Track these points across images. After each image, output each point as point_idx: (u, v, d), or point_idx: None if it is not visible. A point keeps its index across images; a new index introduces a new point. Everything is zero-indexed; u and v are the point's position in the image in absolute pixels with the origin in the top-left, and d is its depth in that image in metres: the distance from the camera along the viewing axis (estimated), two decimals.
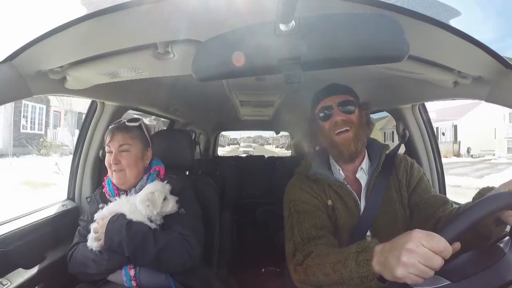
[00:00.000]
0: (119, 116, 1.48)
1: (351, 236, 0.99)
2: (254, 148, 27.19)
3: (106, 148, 1.16)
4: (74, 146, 1.51)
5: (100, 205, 1.14)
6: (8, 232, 1.07)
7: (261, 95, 1.98)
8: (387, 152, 1.05)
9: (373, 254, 0.69)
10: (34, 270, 1.11)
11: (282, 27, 0.51)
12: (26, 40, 0.71)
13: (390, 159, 1.05)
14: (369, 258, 0.69)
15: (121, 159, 1.13)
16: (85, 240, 1.10)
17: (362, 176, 1.03)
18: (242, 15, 0.62)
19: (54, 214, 1.33)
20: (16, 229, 1.11)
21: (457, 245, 0.62)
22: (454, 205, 0.94)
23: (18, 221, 1.17)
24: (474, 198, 0.82)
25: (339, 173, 1.04)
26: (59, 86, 0.99)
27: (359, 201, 1.01)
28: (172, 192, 1.10)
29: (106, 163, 1.16)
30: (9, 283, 1.01)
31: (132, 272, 1.06)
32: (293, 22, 0.50)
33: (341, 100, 1.01)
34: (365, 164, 1.04)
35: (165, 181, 1.12)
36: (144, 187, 1.10)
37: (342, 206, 1.01)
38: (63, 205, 1.42)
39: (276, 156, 4.76)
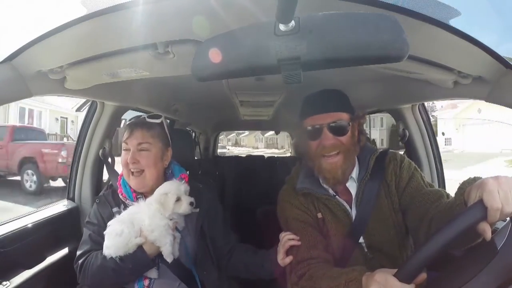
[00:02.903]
0: (119, 116, 1.48)
1: (344, 243, 0.98)
2: (229, 149, 26.22)
3: (123, 145, 1.06)
4: (74, 146, 1.50)
5: (115, 209, 1.07)
6: (8, 232, 1.07)
7: (261, 95, 1.97)
8: (376, 155, 1.00)
9: (361, 286, 0.73)
10: (34, 270, 1.11)
11: (282, 27, 0.51)
12: (26, 40, 0.71)
13: (380, 162, 1.00)
14: None
15: (140, 159, 1.03)
16: (98, 247, 0.99)
17: (352, 185, 1.00)
18: (241, 15, 0.62)
19: (54, 214, 1.32)
20: (16, 229, 1.11)
21: (422, 276, 0.64)
22: (450, 198, 0.84)
23: (18, 221, 1.17)
24: (456, 197, 0.76)
25: (326, 187, 1.00)
26: (59, 86, 0.98)
27: (350, 210, 0.99)
28: (197, 202, 1.04)
29: (122, 162, 1.06)
30: (9, 283, 1.01)
31: (146, 282, 1.01)
32: (293, 22, 0.50)
33: (333, 120, 0.93)
34: (355, 172, 1.00)
35: (182, 181, 1.06)
36: None
37: (332, 218, 0.99)
38: (63, 205, 1.42)
39: (276, 156, 4.77)
